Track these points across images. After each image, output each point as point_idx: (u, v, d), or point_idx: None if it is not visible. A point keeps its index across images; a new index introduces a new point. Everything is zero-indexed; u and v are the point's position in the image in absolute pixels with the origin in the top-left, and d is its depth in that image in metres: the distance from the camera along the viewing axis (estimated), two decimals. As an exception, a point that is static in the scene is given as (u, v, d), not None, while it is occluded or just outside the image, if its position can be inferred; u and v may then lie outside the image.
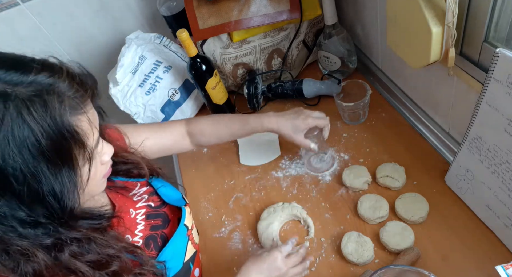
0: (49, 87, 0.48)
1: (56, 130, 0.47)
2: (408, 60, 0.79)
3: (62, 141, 0.48)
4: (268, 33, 1.09)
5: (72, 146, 0.50)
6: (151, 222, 0.73)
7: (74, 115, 0.50)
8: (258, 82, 1.13)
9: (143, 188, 0.78)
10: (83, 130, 0.51)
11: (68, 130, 0.49)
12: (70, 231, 0.53)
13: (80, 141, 0.51)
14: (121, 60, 1.06)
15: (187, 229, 0.75)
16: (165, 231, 0.74)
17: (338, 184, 0.92)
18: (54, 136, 0.47)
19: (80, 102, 0.51)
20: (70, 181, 0.51)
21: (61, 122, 0.48)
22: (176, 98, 1.16)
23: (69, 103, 0.49)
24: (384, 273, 0.64)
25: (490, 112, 0.63)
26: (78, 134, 0.50)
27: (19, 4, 1.08)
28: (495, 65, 0.58)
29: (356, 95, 0.98)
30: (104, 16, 1.20)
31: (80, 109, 0.51)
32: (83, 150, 0.51)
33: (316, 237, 0.84)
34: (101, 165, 0.59)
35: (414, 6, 0.67)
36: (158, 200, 0.78)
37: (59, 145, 0.48)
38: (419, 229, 0.79)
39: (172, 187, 0.82)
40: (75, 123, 0.50)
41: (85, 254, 0.55)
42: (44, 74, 0.49)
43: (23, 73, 0.48)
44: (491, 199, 0.71)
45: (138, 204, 0.74)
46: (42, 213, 0.50)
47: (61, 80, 0.50)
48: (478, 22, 0.65)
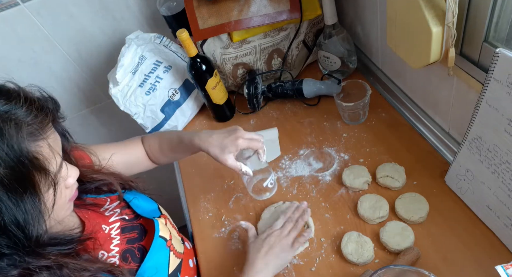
0: (5, 114, 0.47)
1: (14, 159, 0.46)
2: (408, 60, 0.79)
3: (22, 169, 0.47)
4: (268, 33, 1.09)
5: (33, 173, 0.48)
6: (127, 236, 0.71)
7: (33, 141, 0.49)
8: (258, 82, 1.13)
9: (114, 202, 0.76)
10: (44, 156, 0.50)
11: (28, 157, 0.47)
12: (39, 259, 0.51)
13: (41, 167, 0.49)
14: (121, 60, 1.06)
15: (165, 240, 0.73)
16: (142, 243, 0.72)
17: (338, 184, 0.92)
18: (13, 165, 0.46)
19: (39, 128, 0.50)
20: (34, 208, 0.49)
21: (19, 150, 0.47)
22: (176, 98, 1.16)
23: (27, 130, 0.48)
24: (384, 273, 0.64)
25: (490, 112, 0.63)
26: (38, 161, 0.49)
27: (19, 4, 1.08)
28: (495, 65, 0.58)
29: (356, 95, 0.98)
30: (104, 16, 1.20)
31: (39, 135, 0.50)
32: (45, 175, 0.50)
33: (316, 237, 0.84)
34: (65, 188, 0.58)
35: (414, 6, 0.67)
36: (132, 213, 0.76)
37: (18, 173, 0.47)
38: (419, 229, 0.79)
39: (146, 198, 0.81)
40: (35, 149, 0.49)
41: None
42: (0, 101, 0.48)
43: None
44: (491, 199, 0.71)
45: (111, 219, 0.72)
46: (5, 243, 0.48)
47: (18, 107, 0.49)
48: (478, 22, 0.65)
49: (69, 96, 1.33)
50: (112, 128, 1.48)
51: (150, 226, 0.76)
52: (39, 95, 0.54)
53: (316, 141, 1.04)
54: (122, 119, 1.35)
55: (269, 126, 1.12)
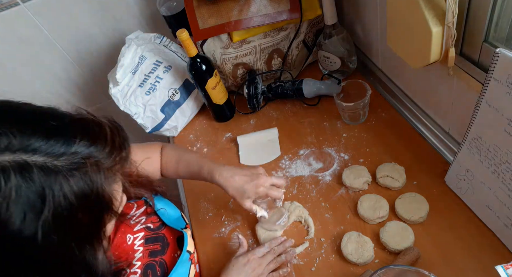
0: (89, 157, 0.45)
1: (94, 202, 0.46)
2: (408, 60, 0.79)
3: (98, 211, 0.47)
4: (268, 33, 1.09)
5: (105, 214, 0.48)
6: (150, 247, 0.71)
7: (110, 185, 0.48)
8: (258, 82, 1.13)
9: (140, 209, 0.75)
10: (116, 198, 0.50)
11: (106, 199, 0.47)
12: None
13: (112, 209, 0.49)
14: (121, 60, 1.06)
15: (189, 254, 0.73)
16: (164, 258, 0.72)
17: (338, 184, 0.92)
18: (92, 208, 0.46)
19: (117, 170, 0.49)
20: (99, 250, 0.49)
21: (100, 194, 0.46)
22: (176, 98, 1.16)
23: (106, 174, 0.47)
24: (384, 273, 0.64)
25: (490, 112, 0.63)
26: (111, 203, 0.49)
27: (19, 4, 1.08)
28: (495, 65, 0.58)
29: (356, 95, 0.98)
30: (104, 16, 1.20)
31: (116, 178, 0.49)
32: (112, 214, 0.50)
33: (316, 237, 0.84)
34: None
35: (414, 6, 0.67)
36: (158, 221, 0.75)
37: (95, 216, 0.47)
38: (419, 229, 0.79)
39: (171, 204, 0.80)
40: (111, 193, 0.48)
41: None
42: (84, 143, 0.45)
43: (64, 144, 0.44)
44: (491, 199, 0.71)
45: (136, 228, 0.72)
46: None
47: (101, 148, 0.47)
48: (478, 22, 0.65)
49: (69, 96, 1.33)
50: (112, 128, 1.48)
51: (173, 236, 0.75)
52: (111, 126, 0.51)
53: (316, 141, 1.04)
54: (122, 119, 1.34)
55: (269, 126, 1.12)
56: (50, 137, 0.43)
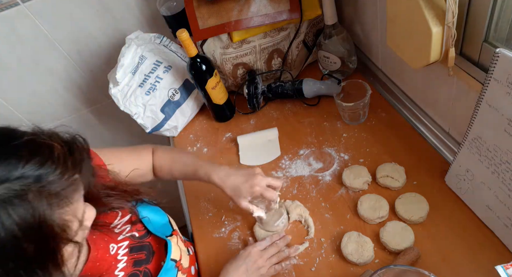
0: (37, 182, 0.43)
1: (40, 230, 0.43)
2: (408, 60, 0.79)
3: (46, 239, 0.45)
4: (268, 33, 1.09)
5: (58, 241, 0.46)
6: (134, 256, 0.70)
7: (60, 210, 0.46)
8: (258, 82, 1.13)
9: (124, 217, 0.74)
10: (68, 222, 0.47)
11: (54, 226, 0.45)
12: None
13: (63, 236, 0.47)
14: (121, 60, 1.06)
15: (175, 262, 0.72)
16: (149, 267, 0.70)
17: (338, 184, 0.92)
18: (36, 238, 0.44)
19: (70, 193, 0.47)
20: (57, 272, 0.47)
21: (45, 221, 0.44)
22: (176, 98, 1.16)
23: (55, 198, 0.45)
24: (384, 273, 0.64)
25: (490, 112, 0.63)
26: (62, 229, 0.46)
27: (19, 4, 1.08)
28: (495, 65, 0.58)
29: (356, 95, 0.98)
30: (104, 16, 1.20)
31: (67, 202, 0.47)
32: (66, 238, 0.47)
33: (316, 237, 0.84)
34: (83, 230, 0.54)
35: (414, 6, 0.67)
36: (143, 229, 0.74)
37: (43, 245, 0.45)
38: (419, 229, 0.79)
39: (158, 210, 0.79)
40: (60, 217, 0.46)
41: None
42: (32, 165, 0.43)
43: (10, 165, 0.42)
44: (491, 199, 0.71)
45: (120, 237, 0.71)
46: None
47: (51, 169, 0.45)
48: (478, 22, 0.65)
49: (69, 96, 1.33)
50: (112, 128, 1.48)
51: (159, 244, 0.75)
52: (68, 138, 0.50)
53: (316, 141, 1.04)
54: (122, 119, 1.35)
55: (269, 126, 1.12)
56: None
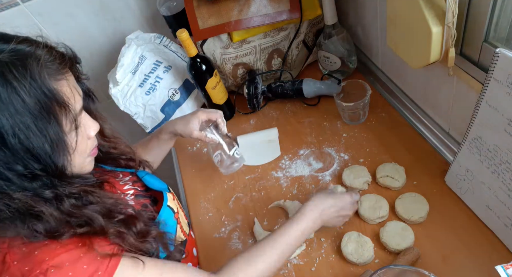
0: (28, 52, 0.53)
1: (37, 89, 0.51)
2: (408, 60, 0.79)
3: (45, 99, 0.52)
4: (268, 33, 1.09)
5: (55, 105, 0.53)
6: (140, 201, 0.75)
7: (53, 79, 0.54)
8: (258, 82, 1.13)
9: (126, 177, 0.80)
10: (64, 93, 0.55)
11: (49, 90, 0.52)
12: (66, 186, 0.57)
13: (62, 102, 0.54)
14: (121, 60, 1.06)
15: (173, 212, 0.77)
16: (155, 208, 0.76)
17: (338, 184, 0.92)
18: (37, 94, 0.51)
19: (59, 68, 0.55)
20: (58, 139, 0.54)
21: (41, 83, 0.52)
22: (176, 98, 1.16)
23: (48, 66, 0.54)
24: (384, 273, 0.64)
25: (490, 112, 0.63)
26: (59, 96, 0.53)
27: (19, 4, 1.08)
28: (495, 65, 0.58)
29: (356, 95, 0.98)
30: (104, 16, 1.20)
31: (59, 74, 0.55)
32: (66, 112, 0.54)
33: (316, 237, 0.84)
34: (87, 138, 0.62)
35: (414, 6, 0.67)
36: (142, 186, 0.80)
37: (42, 103, 0.52)
38: (419, 229, 0.79)
39: (157, 178, 0.84)
40: (55, 86, 0.54)
41: (87, 205, 0.58)
42: (24, 44, 0.54)
43: (4, 42, 0.53)
44: (491, 199, 0.71)
45: (125, 187, 0.76)
46: (37, 166, 0.53)
47: (40, 49, 0.55)
48: (478, 22, 0.65)
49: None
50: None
51: (160, 198, 0.79)
52: (61, 49, 0.60)
53: (316, 141, 1.04)
54: (122, 119, 1.34)
55: (269, 126, 1.12)
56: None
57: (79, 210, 0.57)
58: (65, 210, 0.55)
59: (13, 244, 0.54)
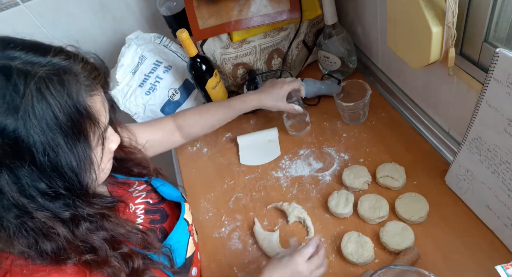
0: (65, 67, 0.52)
1: (72, 106, 0.50)
2: (408, 60, 0.79)
3: (78, 117, 0.51)
4: (268, 33, 1.09)
5: (86, 122, 0.52)
6: (150, 217, 0.74)
7: (88, 95, 0.53)
8: (258, 82, 1.13)
9: (141, 185, 0.79)
10: (96, 110, 0.54)
11: (84, 107, 0.52)
12: (86, 207, 0.56)
13: (93, 119, 0.53)
14: (121, 60, 1.06)
15: (187, 224, 0.76)
16: (164, 225, 0.75)
17: (338, 184, 0.92)
18: (70, 112, 0.50)
19: (94, 84, 0.55)
20: (86, 156, 0.53)
21: (77, 100, 0.51)
22: (176, 98, 1.16)
23: (84, 83, 0.53)
24: (384, 273, 0.64)
25: (490, 112, 0.63)
26: (91, 113, 0.53)
27: (19, 4, 1.08)
28: (495, 65, 0.58)
29: (356, 95, 0.98)
30: (104, 16, 1.20)
31: (94, 89, 0.55)
32: (95, 128, 0.54)
33: (316, 237, 0.84)
34: (109, 153, 0.62)
35: (414, 6, 0.67)
36: (157, 197, 0.79)
37: (74, 121, 0.51)
38: (419, 229, 0.79)
39: (170, 186, 0.83)
40: (89, 103, 0.53)
41: (99, 230, 0.57)
42: (60, 57, 0.53)
43: (41, 55, 0.52)
44: (491, 199, 0.71)
45: (137, 200, 0.76)
46: (62, 185, 0.52)
47: (76, 63, 0.54)
48: (478, 22, 0.65)
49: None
50: (112, 128, 1.48)
51: (172, 211, 0.78)
52: (93, 60, 0.59)
53: (316, 141, 1.04)
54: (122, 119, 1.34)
55: (269, 126, 1.12)
56: (29, 51, 0.52)
57: (91, 235, 0.56)
58: (79, 234, 0.54)
59: (16, 263, 0.52)
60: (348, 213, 0.85)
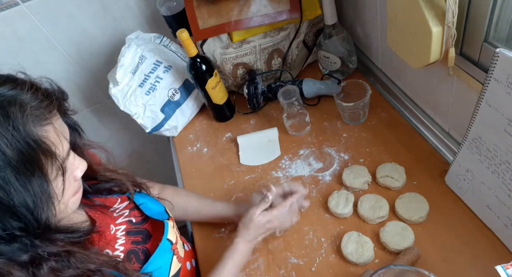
0: (11, 98, 0.48)
1: (20, 140, 0.47)
2: (408, 60, 0.79)
3: (28, 151, 0.48)
4: (268, 33, 1.09)
5: (40, 156, 0.49)
6: (132, 238, 0.72)
7: (39, 125, 0.50)
8: (258, 82, 1.13)
9: (123, 203, 0.77)
10: (50, 140, 0.50)
11: (34, 140, 0.48)
12: (48, 245, 0.52)
13: (48, 151, 0.50)
14: (121, 60, 1.06)
15: (171, 243, 0.74)
16: (147, 246, 0.73)
17: (338, 184, 0.92)
18: (19, 147, 0.47)
19: (45, 113, 0.51)
20: (42, 192, 0.49)
21: (25, 133, 0.47)
22: (176, 98, 1.16)
23: (32, 114, 0.49)
24: (384, 273, 0.64)
25: (490, 112, 0.63)
26: (45, 144, 0.49)
27: (19, 4, 1.08)
28: (495, 65, 0.58)
29: (356, 95, 0.98)
30: (104, 16, 1.20)
31: (45, 119, 0.51)
32: (52, 160, 0.50)
33: (316, 237, 0.84)
34: (74, 181, 0.58)
35: (414, 6, 0.67)
36: (140, 215, 0.77)
37: (25, 155, 0.47)
38: (419, 229, 0.79)
39: (154, 200, 0.82)
40: (41, 133, 0.49)
41: (65, 270, 0.53)
42: (6, 87, 0.49)
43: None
44: (491, 199, 0.71)
45: (119, 220, 0.73)
46: (16, 225, 0.48)
47: (24, 92, 0.50)
48: (478, 22, 0.65)
49: (69, 96, 1.33)
50: (112, 128, 1.48)
51: (155, 231, 0.76)
52: (47, 86, 0.56)
53: (316, 141, 1.04)
54: (122, 119, 1.35)
55: (269, 126, 1.12)
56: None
57: (55, 276, 0.51)
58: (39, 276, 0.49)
59: None
60: (348, 213, 0.85)
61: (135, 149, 1.57)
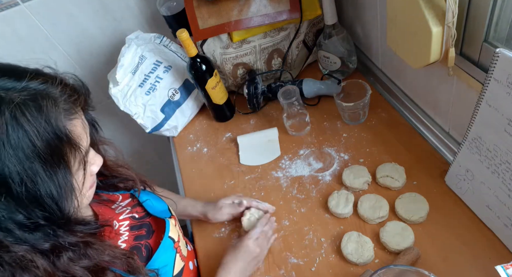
0: (43, 92, 0.50)
1: (50, 133, 0.48)
2: (408, 60, 0.79)
3: (57, 143, 0.49)
4: (268, 33, 1.09)
5: (66, 148, 0.50)
6: (135, 233, 0.73)
7: (68, 119, 0.51)
8: (258, 82, 1.13)
9: (125, 200, 0.78)
10: (76, 134, 0.52)
11: (63, 132, 0.50)
12: (68, 236, 0.53)
13: (74, 144, 0.51)
14: (121, 60, 1.06)
15: (173, 241, 0.75)
16: (149, 241, 0.73)
17: (338, 184, 0.92)
18: (49, 139, 0.48)
19: (74, 107, 0.53)
20: (66, 183, 0.51)
21: (56, 125, 0.49)
22: (176, 98, 1.16)
23: (63, 107, 0.51)
24: (384, 273, 0.64)
25: (490, 112, 0.63)
26: (72, 138, 0.51)
27: (19, 4, 1.08)
28: (495, 65, 0.58)
29: (356, 95, 0.98)
30: (104, 16, 1.20)
31: (74, 113, 0.53)
32: (76, 153, 0.52)
33: (316, 237, 0.84)
34: (90, 175, 0.59)
35: (414, 6, 0.67)
36: (142, 211, 0.78)
37: (53, 147, 0.49)
38: (419, 229, 0.79)
39: (158, 198, 0.82)
40: (69, 127, 0.51)
41: (82, 259, 0.54)
42: (37, 81, 0.50)
43: (16, 79, 0.49)
44: (491, 199, 0.71)
45: (121, 216, 0.74)
46: (41, 215, 0.50)
47: (54, 87, 0.51)
48: (478, 22, 0.65)
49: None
50: (112, 128, 1.48)
51: (158, 226, 0.77)
52: (73, 82, 0.57)
53: (316, 141, 1.04)
54: (122, 119, 1.35)
55: (269, 126, 1.12)
56: (3, 76, 0.49)
57: (74, 265, 0.53)
58: (60, 265, 0.51)
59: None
60: (348, 213, 0.85)
61: (135, 149, 1.57)
